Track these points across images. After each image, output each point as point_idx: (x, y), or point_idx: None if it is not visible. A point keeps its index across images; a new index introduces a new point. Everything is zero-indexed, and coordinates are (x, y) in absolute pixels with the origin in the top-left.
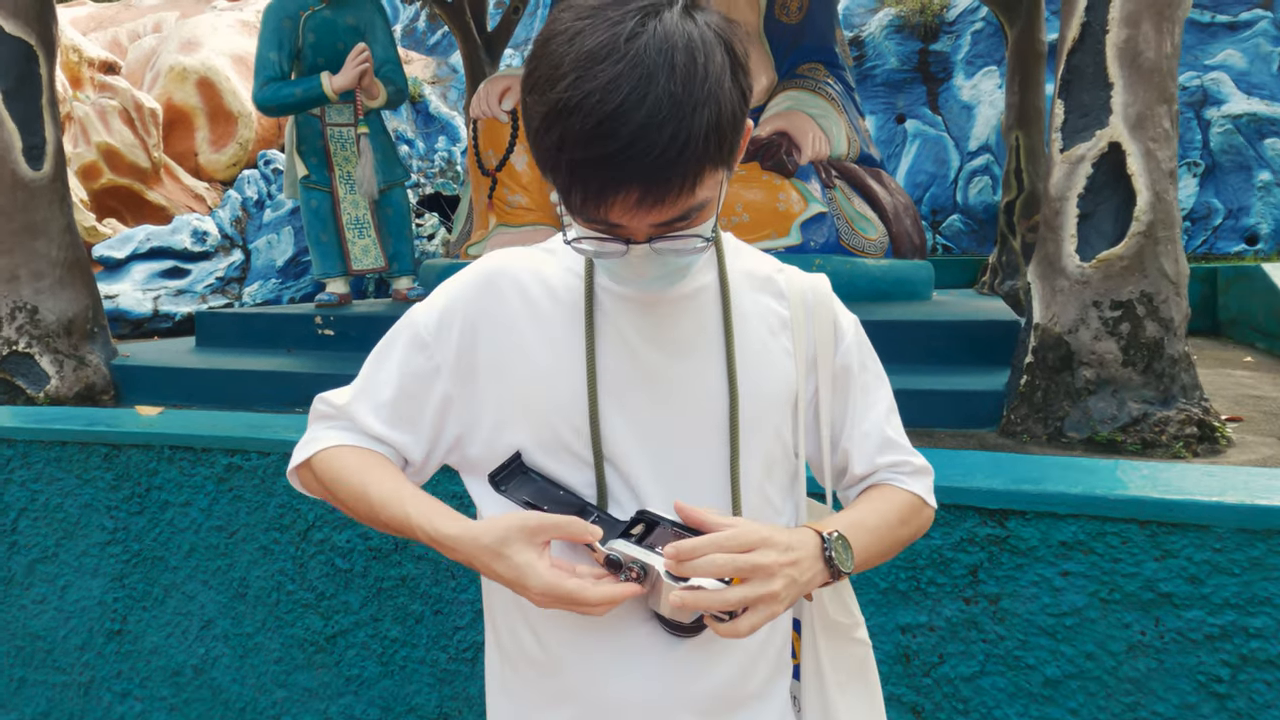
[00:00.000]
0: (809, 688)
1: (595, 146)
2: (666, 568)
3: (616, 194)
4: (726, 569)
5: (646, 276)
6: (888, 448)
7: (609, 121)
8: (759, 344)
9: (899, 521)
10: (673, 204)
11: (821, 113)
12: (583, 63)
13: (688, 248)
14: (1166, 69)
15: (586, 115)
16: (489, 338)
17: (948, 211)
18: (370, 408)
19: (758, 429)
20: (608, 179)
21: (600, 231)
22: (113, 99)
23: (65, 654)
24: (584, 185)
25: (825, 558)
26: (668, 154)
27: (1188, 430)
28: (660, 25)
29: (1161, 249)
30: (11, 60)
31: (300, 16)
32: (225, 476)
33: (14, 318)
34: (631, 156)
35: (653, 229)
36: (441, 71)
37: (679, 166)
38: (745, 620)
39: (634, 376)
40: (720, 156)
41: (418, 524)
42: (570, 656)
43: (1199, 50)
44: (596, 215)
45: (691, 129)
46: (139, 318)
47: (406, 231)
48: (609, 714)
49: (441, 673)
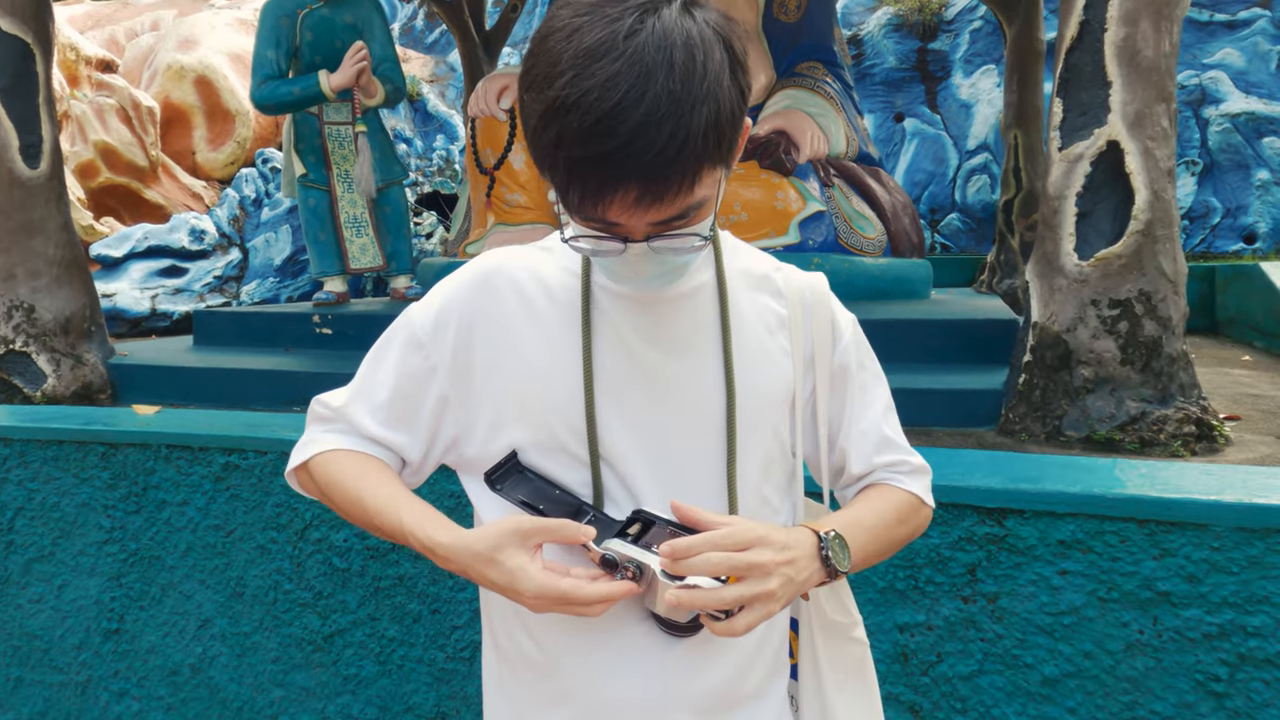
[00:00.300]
0: (806, 687)
1: (594, 144)
2: (662, 566)
3: (615, 192)
4: (722, 567)
5: (644, 275)
6: (885, 447)
7: (607, 119)
8: (756, 343)
9: (896, 521)
10: (671, 202)
11: (820, 111)
12: (581, 60)
13: (686, 246)
14: (1165, 67)
15: (585, 113)
16: (485, 337)
17: (946, 210)
18: (367, 409)
19: (755, 428)
20: (606, 177)
21: (598, 230)
22: (110, 97)
23: (62, 653)
24: (582, 183)
25: (822, 557)
26: (666, 152)
27: (1186, 429)
28: (659, 22)
29: (1160, 248)
30: (8, 58)
31: (298, 15)
32: (222, 475)
33: (11, 316)
34: (630, 154)
35: (651, 227)
36: (439, 70)
37: (678, 164)
38: (741, 619)
39: (631, 376)
40: (719, 155)
41: (411, 531)
42: (567, 657)
43: (1197, 49)
44: (595, 214)
45: (690, 127)
46: (136, 316)
47: (404, 230)
48: (606, 714)
49: (439, 672)
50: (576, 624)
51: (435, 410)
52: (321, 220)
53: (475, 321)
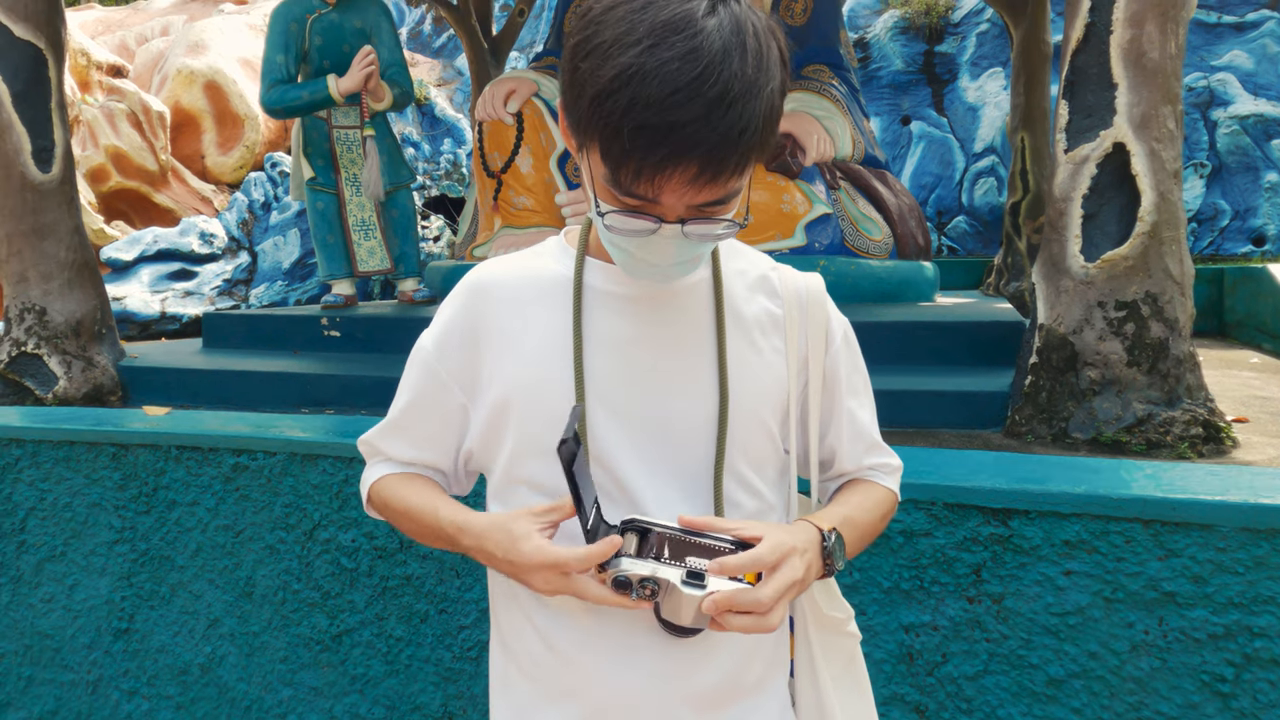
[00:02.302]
0: (803, 683)
1: (670, 113)
2: (700, 572)
3: (677, 166)
4: (780, 587)
5: (666, 262)
6: (874, 450)
7: (686, 90)
8: (750, 343)
9: (880, 518)
10: (724, 184)
11: (826, 114)
12: (659, 30)
13: (717, 232)
14: (1171, 69)
15: (664, 82)
16: (487, 343)
17: (953, 213)
18: (396, 438)
19: (749, 426)
20: (672, 150)
21: (635, 207)
22: (120, 102)
23: (73, 652)
24: (644, 154)
25: (824, 553)
26: (732, 133)
27: (1193, 431)
28: (729, 9)
29: (1166, 249)
30: (21, 63)
31: (307, 20)
32: (232, 476)
33: (23, 319)
34: (702, 130)
35: (690, 210)
36: (447, 74)
37: (740, 146)
38: (777, 613)
39: (623, 376)
40: (766, 144)
41: (447, 519)
42: (572, 656)
43: (1205, 51)
44: (647, 188)
45: (756, 111)
46: (146, 319)
47: (412, 233)
48: (610, 712)
49: (446, 671)
50: (581, 623)
51: (457, 421)
52: (330, 223)
53: (476, 328)
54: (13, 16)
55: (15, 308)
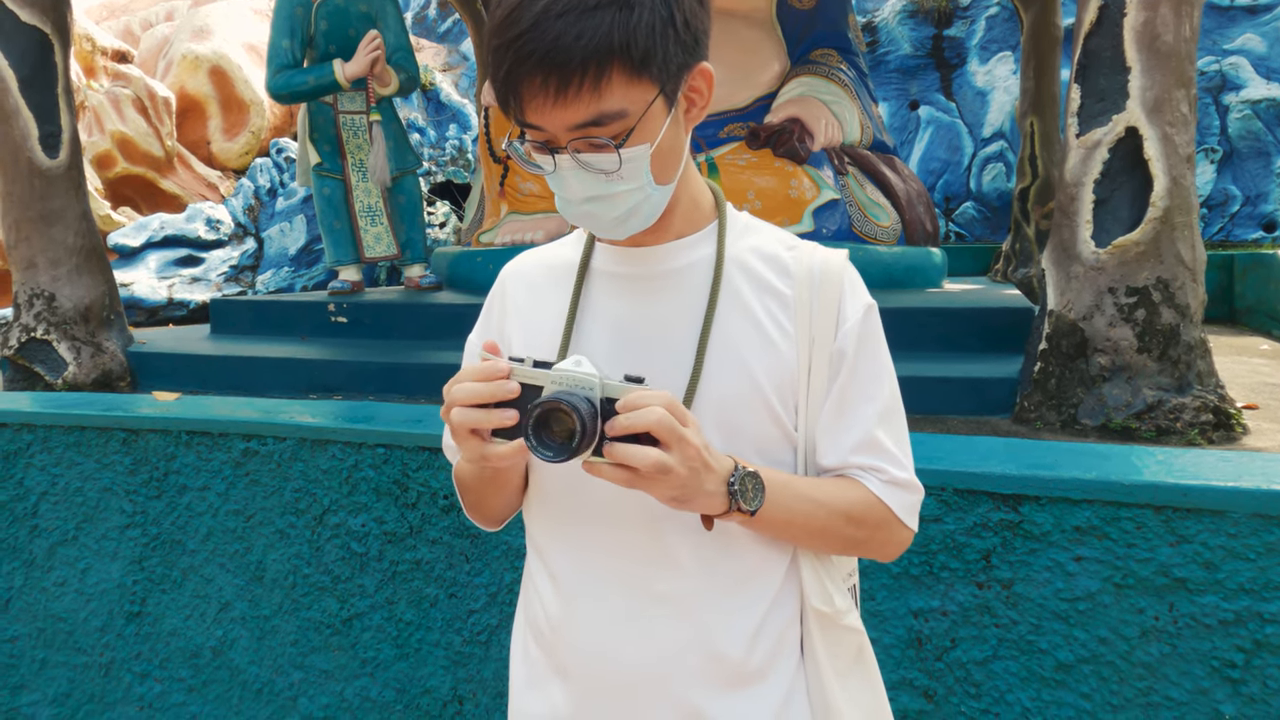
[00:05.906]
0: (810, 677)
1: (503, 32)
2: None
3: (522, 78)
4: (664, 425)
5: (576, 197)
6: (868, 447)
7: (517, 10)
8: (753, 325)
9: (844, 512)
10: (576, 99)
11: (834, 99)
12: None
13: (605, 162)
14: (1185, 52)
15: (504, 8)
16: (506, 322)
17: (961, 198)
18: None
19: (751, 411)
20: (514, 62)
21: (533, 141)
22: (126, 88)
23: (86, 635)
24: (499, 73)
25: (729, 485)
26: (563, 39)
27: (1203, 417)
28: None
29: (1178, 235)
30: (27, 49)
31: (312, 4)
32: (242, 461)
33: (32, 305)
34: (532, 39)
35: (569, 132)
36: (453, 59)
37: (576, 54)
38: (622, 474)
39: (608, 346)
40: (635, 64)
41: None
42: (575, 628)
43: (1218, 34)
44: (519, 113)
45: (592, 22)
46: (154, 305)
47: (419, 219)
48: (611, 687)
49: (456, 655)
50: (585, 593)
51: None
52: (336, 209)
53: (504, 309)
54: (19, 2)
55: (24, 293)
